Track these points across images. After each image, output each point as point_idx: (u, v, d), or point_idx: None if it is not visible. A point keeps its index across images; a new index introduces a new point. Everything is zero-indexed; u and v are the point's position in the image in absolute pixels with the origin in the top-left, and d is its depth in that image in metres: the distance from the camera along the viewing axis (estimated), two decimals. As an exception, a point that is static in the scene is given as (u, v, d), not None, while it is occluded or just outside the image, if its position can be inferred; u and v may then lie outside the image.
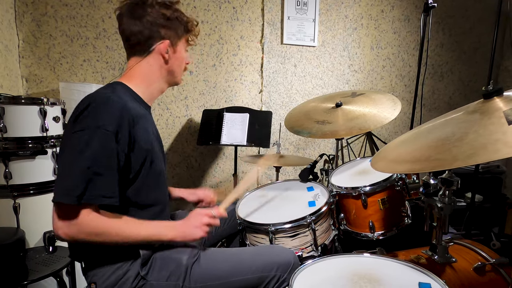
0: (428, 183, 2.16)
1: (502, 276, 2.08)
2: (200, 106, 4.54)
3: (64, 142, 1.76)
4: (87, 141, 1.65)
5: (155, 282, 1.88)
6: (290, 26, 4.68)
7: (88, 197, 1.63)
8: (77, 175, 1.62)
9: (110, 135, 1.70)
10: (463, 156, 1.30)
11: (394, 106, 2.85)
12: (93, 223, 1.68)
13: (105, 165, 1.69)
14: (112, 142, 1.71)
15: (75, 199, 1.60)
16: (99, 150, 1.67)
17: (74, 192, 1.60)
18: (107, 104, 1.75)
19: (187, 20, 2.06)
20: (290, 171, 5.02)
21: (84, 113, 1.71)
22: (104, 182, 1.70)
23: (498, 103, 1.49)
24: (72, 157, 1.65)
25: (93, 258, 1.86)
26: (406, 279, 1.67)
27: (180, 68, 2.12)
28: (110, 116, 1.72)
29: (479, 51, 5.51)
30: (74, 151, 1.65)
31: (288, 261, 2.04)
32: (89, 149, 1.65)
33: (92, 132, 1.67)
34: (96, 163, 1.66)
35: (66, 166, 1.67)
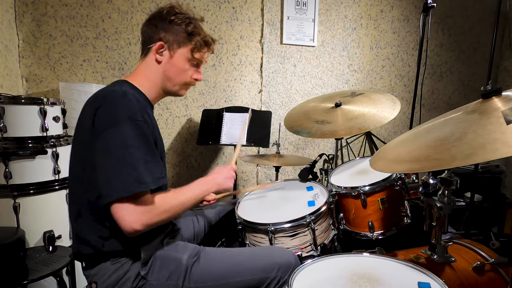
0: (427, 182, 2.16)
1: (501, 276, 2.09)
2: (199, 106, 4.55)
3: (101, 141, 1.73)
4: (126, 132, 1.71)
5: (155, 282, 1.89)
6: (289, 26, 4.68)
7: (154, 181, 1.74)
8: (138, 164, 1.69)
9: (142, 123, 1.78)
10: (462, 155, 1.30)
11: (394, 106, 2.85)
12: (161, 202, 1.80)
13: (150, 150, 1.80)
14: (146, 129, 1.79)
15: (148, 185, 1.70)
16: (140, 138, 1.75)
17: (144, 179, 1.69)
18: (125, 97, 1.79)
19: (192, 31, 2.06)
20: (289, 170, 5.02)
21: (104, 109, 1.75)
22: (156, 165, 1.81)
23: (497, 103, 1.48)
24: (123, 151, 1.69)
25: (94, 258, 1.87)
26: (405, 279, 1.67)
27: (179, 77, 2.10)
28: (134, 107, 1.78)
29: (479, 51, 5.52)
30: (121, 145, 1.70)
31: (288, 262, 2.04)
32: (132, 139, 1.71)
33: (126, 123, 1.71)
34: (144, 150, 1.74)
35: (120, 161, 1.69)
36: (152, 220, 1.73)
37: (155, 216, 1.75)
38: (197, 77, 2.18)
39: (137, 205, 1.68)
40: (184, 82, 2.14)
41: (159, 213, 1.77)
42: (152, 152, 1.80)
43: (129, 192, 1.64)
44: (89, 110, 1.80)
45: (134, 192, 1.65)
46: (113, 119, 1.71)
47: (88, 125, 1.77)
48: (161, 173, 1.81)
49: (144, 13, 4.19)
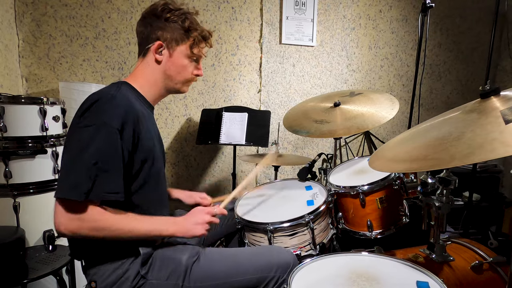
0: (426, 182, 2.17)
1: (499, 275, 2.10)
2: (199, 106, 4.55)
3: (69, 137, 1.76)
4: (92, 137, 1.67)
5: (155, 281, 1.89)
6: (288, 26, 4.69)
7: (94, 193, 1.66)
8: (83, 171, 1.64)
9: (115, 132, 1.72)
10: (460, 155, 1.30)
11: (392, 106, 2.85)
12: (96, 218, 1.70)
13: (110, 162, 1.71)
14: (117, 138, 1.73)
15: (83, 195, 1.62)
16: (105, 146, 1.69)
17: (81, 188, 1.62)
18: (112, 102, 1.77)
19: (189, 26, 2.05)
20: (288, 170, 5.03)
21: (90, 110, 1.74)
22: (110, 178, 1.72)
23: (495, 103, 1.49)
24: (77, 153, 1.66)
25: (93, 257, 1.87)
26: (404, 278, 1.68)
27: (180, 75, 2.10)
28: (115, 113, 1.75)
29: (477, 51, 5.53)
30: (79, 147, 1.67)
31: (287, 262, 2.04)
32: (94, 145, 1.66)
33: (97, 128, 1.68)
34: (102, 159, 1.68)
35: (71, 161, 1.67)
36: (80, 231, 1.68)
37: (84, 229, 1.68)
38: (197, 72, 2.18)
39: (69, 210, 1.65)
40: (186, 79, 2.14)
41: (91, 228, 1.69)
42: (114, 164, 1.74)
43: (60, 195, 1.63)
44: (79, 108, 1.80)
45: (64, 196, 1.62)
46: (89, 121, 1.71)
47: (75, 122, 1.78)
48: (112, 188, 1.73)
49: (143, 13, 4.19)
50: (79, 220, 1.66)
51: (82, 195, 1.62)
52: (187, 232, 1.97)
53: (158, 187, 2.05)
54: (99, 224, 1.71)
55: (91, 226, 1.69)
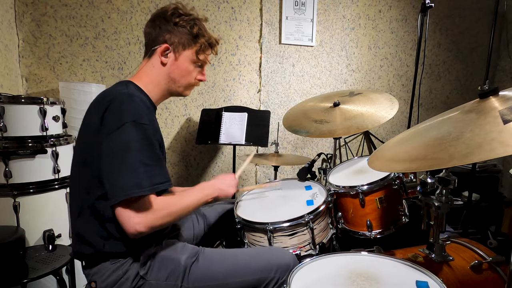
0: (425, 182, 2.17)
1: (498, 275, 2.11)
2: (198, 106, 4.55)
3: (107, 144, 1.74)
4: (130, 135, 1.72)
5: (154, 282, 1.90)
6: (288, 26, 4.69)
7: (155, 185, 1.74)
8: (138, 168, 1.70)
9: (147, 127, 1.78)
10: (459, 155, 1.30)
11: (392, 106, 2.86)
12: (163, 206, 1.81)
13: (154, 154, 1.80)
14: (150, 132, 1.80)
15: (148, 189, 1.70)
16: (144, 141, 1.76)
17: (143, 184, 1.69)
18: (131, 100, 1.81)
19: (197, 33, 2.08)
20: (288, 170, 5.03)
21: (111, 112, 1.77)
22: (159, 169, 1.80)
23: (494, 103, 1.49)
24: (123, 155, 1.70)
25: (93, 257, 1.88)
26: (403, 277, 1.68)
27: (183, 79, 2.13)
28: (139, 110, 1.80)
29: (476, 51, 5.54)
30: (121, 149, 1.71)
31: (287, 263, 2.04)
32: (135, 142, 1.72)
33: (130, 127, 1.72)
34: (147, 154, 1.75)
35: (122, 164, 1.70)
36: (155, 223, 1.74)
37: (159, 218, 1.76)
38: (201, 78, 2.20)
39: (140, 207, 1.70)
40: (189, 83, 2.16)
41: (163, 216, 1.78)
42: (155, 156, 1.80)
43: (127, 196, 1.65)
44: (96, 111, 1.81)
45: (132, 196, 1.66)
46: (118, 122, 1.72)
47: (95, 126, 1.78)
48: (163, 178, 1.81)
49: (143, 13, 4.20)
50: (152, 213, 1.74)
51: (147, 189, 1.70)
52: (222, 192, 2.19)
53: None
54: (167, 209, 1.83)
55: (163, 214, 1.79)
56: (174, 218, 1.87)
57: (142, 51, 3.99)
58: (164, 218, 1.79)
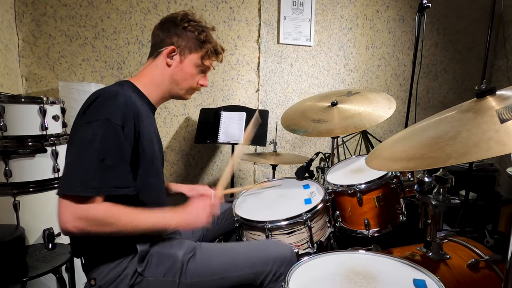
0: (422, 180, 2.18)
1: (495, 273, 2.10)
2: (197, 105, 4.57)
3: (73, 134, 1.76)
4: (96, 133, 1.68)
5: (152, 278, 1.90)
6: (286, 26, 4.70)
7: (104, 188, 1.67)
8: (91, 167, 1.65)
9: (117, 128, 1.73)
10: (456, 154, 1.30)
11: (389, 105, 2.86)
12: (105, 213, 1.68)
13: (116, 156, 1.72)
14: (120, 134, 1.74)
15: (93, 191, 1.63)
16: (109, 141, 1.70)
17: (90, 184, 1.63)
18: (113, 99, 1.79)
19: (204, 38, 2.13)
20: (286, 169, 5.04)
21: (92, 107, 1.75)
22: (118, 173, 1.73)
23: (491, 102, 1.49)
24: (83, 149, 1.67)
25: (93, 255, 1.89)
26: (401, 276, 1.69)
27: (186, 82, 2.15)
28: (116, 110, 1.76)
29: (473, 50, 5.55)
30: (84, 143, 1.67)
31: (284, 255, 2.05)
32: (99, 141, 1.67)
33: (100, 124, 1.70)
34: (108, 155, 1.69)
35: (77, 158, 1.68)
36: (87, 228, 1.65)
37: (92, 225, 1.66)
38: (203, 83, 2.23)
39: (76, 207, 1.62)
40: (191, 87, 2.18)
41: (98, 223, 1.68)
42: (120, 159, 1.75)
43: (70, 192, 1.61)
44: (81, 108, 1.82)
45: (74, 193, 1.61)
46: (91, 117, 1.71)
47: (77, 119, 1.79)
48: (122, 183, 1.75)
49: (142, 13, 4.21)
50: (86, 216, 1.64)
51: (92, 190, 1.63)
52: (190, 224, 1.97)
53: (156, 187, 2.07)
54: (107, 218, 1.69)
55: (99, 222, 1.67)
56: (115, 230, 1.73)
57: (141, 51, 4.03)
58: (99, 227, 1.69)
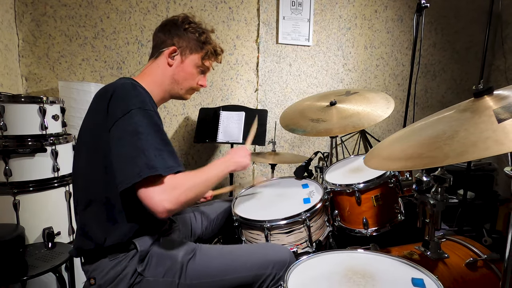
0: (420, 180, 2.19)
1: (493, 272, 2.11)
2: (196, 105, 4.58)
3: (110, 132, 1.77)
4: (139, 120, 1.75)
5: (152, 278, 1.91)
6: (285, 26, 4.71)
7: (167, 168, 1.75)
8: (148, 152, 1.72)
9: (152, 113, 1.82)
10: (454, 153, 1.31)
11: (388, 105, 2.87)
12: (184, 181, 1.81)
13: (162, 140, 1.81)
14: (156, 118, 1.84)
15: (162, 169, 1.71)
16: (152, 127, 1.78)
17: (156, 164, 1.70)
18: (134, 89, 1.86)
19: (205, 40, 2.19)
20: (285, 168, 5.05)
21: (114, 101, 1.80)
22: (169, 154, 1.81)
23: (489, 102, 1.49)
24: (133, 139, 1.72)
25: (93, 253, 1.89)
26: (399, 275, 1.69)
27: (186, 81, 2.18)
28: (143, 98, 1.84)
29: (471, 50, 5.56)
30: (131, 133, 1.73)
31: (284, 259, 2.06)
32: (144, 127, 1.74)
33: (137, 113, 1.76)
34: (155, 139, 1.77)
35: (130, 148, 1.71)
36: (181, 198, 1.75)
37: (182, 193, 1.76)
38: (202, 83, 2.27)
39: (162, 186, 1.70)
40: (190, 87, 2.22)
41: (186, 190, 1.78)
42: (164, 142, 1.81)
43: (141, 177, 1.65)
44: (100, 103, 1.84)
45: (145, 176, 1.65)
46: (124, 109, 1.75)
47: (101, 117, 1.81)
48: (174, 162, 1.81)
49: (141, 13, 4.22)
50: (175, 189, 1.75)
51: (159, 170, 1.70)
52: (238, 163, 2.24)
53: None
54: (189, 183, 1.83)
55: (185, 188, 1.79)
56: (197, 193, 1.87)
57: (140, 51, 4.04)
58: (187, 193, 1.79)
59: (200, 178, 1.93)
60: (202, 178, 1.94)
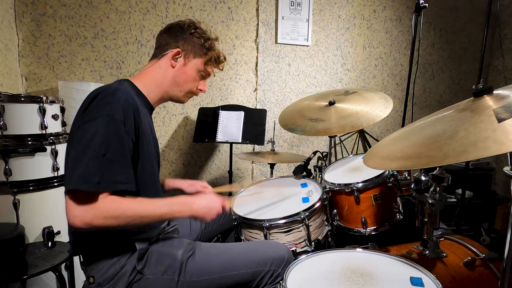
0: (419, 179, 2.20)
1: (491, 271, 2.12)
2: (196, 104, 4.58)
3: (74, 132, 1.78)
4: (98, 129, 1.70)
5: (151, 276, 1.92)
6: (284, 26, 4.72)
7: (106, 183, 1.68)
8: (93, 162, 1.66)
9: (119, 123, 1.76)
10: (453, 153, 1.31)
11: (386, 104, 2.87)
12: (110, 206, 1.71)
13: (118, 152, 1.74)
14: (122, 129, 1.77)
15: (95, 185, 1.64)
16: (111, 137, 1.72)
17: (92, 179, 1.64)
18: (113, 95, 1.81)
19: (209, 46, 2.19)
20: (284, 168, 5.05)
21: (92, 104, 1.77)
22: (119, 168, 1.75)
23: (488, 101, 1.50)
24: (85, 146, 1.68)
25: (92, 253, 1.90)
26: (398, 274, 1.70)
27: (186, 84, 2.19)
28: (117, 105, 1.78)
29: (469, 50, 5.57)
30: (86, 140, 1.69)
31: (282, 256, 2.08)
32: (101, 137, 1.69)
33: (101, 120, 1.72)
34: (110, 150, 1.70)
35: (80, 154, 1.68)
36: (94, 221, 1.67)
37: (100, 218, 1.68)
38: (202, 88, 2.28)
39: (82, 202, 1.65)
40: (190, 90, 2.22)
41: (105, 217, 1.70)
42: (121, 154, 1.77)
43: (72, 186, 1.63)
44: (82, 106, 1.84)
45: (77, 188, 1.63)
46: (93, 114, 1.74)
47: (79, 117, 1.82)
48: (124, 178, 1.77)
49: (141, 13, 4.23)
50: (93, 210, 1.66)
51: (94, 185, 1.64)
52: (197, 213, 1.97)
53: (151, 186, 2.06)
54: (113, 211, 1.72)
55: (105, 215, 1.69)
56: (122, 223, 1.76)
57: (140, 51, 4.04)
58: (107, 220, 1.71)
59: (135, 210, 1.79)
60: (138, 211, 1.80)
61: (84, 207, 1.65)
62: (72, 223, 1.65)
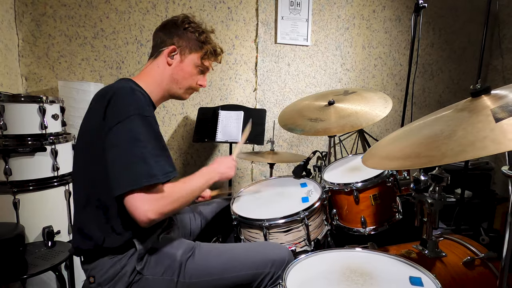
0: (418, 179, 2.20)
1: (490, 270, 2.11)
2: (195, 104, 4.59)
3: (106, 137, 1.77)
4: (136, 128, 1.75)
5: (151, 277, 1.91)
6: (283, 26, 4.72)
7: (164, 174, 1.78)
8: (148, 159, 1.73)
9: (150, 119, 1.83)
10: (452, 153, 1.31)
11: (386, 104, 2.87)
12: (171, 192, 1.84)
13: (158, 145, 1.83)
14: (154, 124, 1.85)
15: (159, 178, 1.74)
16: (149, 133, 1.79)
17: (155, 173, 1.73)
18: (133, 94, 1.85)
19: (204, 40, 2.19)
20: (283, 167, 5.06)
21: (113, 105, 1.79)
22: (166, 160, 1.85)
23: (486, 101, 1.50)
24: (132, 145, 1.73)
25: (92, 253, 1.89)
26: (397, 273, 1.70)
27: (185, 81, 2.18)
28: (141, 103, 1.84)
29: (469, 50, 5.58)
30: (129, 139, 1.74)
31: (282, 258, 2.07)
32: (143, 134, 1.75)
33: (135, 119, 1.76)
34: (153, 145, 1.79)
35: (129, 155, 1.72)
36: (165, 209, 1.76)
37: (168, 204, 1.78)
38: (201, 83, 2.27)
39: (149, 194, 1.71)
40: (190, 86, 2.22)
41: (171, 201, 1.80)
42: (161, 148, 1.83)
43: (140, 185, 1.67)
44: (98, 105, 1.84)
45: (144, 184, 1.68)
46: (123, 115, 1.75)
47: (98, 120, 1.81)
48: (171, 167, 1.84)
49: (141, 13, 4.23)
50: (162, 199, 1.77)
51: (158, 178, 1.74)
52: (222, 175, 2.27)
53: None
54: (175, 195, 1.85)
55: (171, 200, 1.82)
56: (181, 204, 1.89)
57: (140, 51, 4.05)
58: (173, 204, 1.81)
59: (186, 189, 1.96)
60: (187, 189, 1.98)
61: (153, 200, 1.74)
62: (146, 218, 1.72)
